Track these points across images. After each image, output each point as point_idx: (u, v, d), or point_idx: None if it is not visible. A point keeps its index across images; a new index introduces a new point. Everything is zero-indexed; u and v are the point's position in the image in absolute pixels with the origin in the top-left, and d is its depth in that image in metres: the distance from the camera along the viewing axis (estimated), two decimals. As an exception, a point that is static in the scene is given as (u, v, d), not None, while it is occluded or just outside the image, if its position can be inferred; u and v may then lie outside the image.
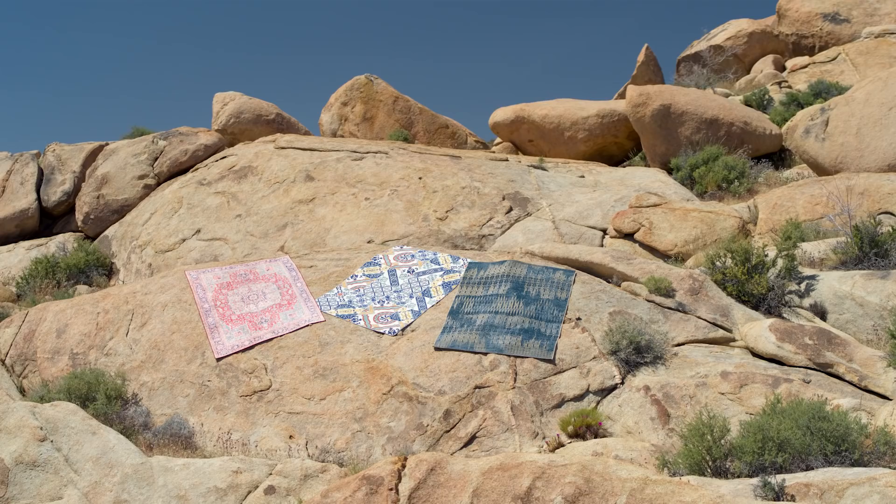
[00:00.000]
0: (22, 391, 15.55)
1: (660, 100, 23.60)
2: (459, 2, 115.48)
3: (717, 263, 15.47)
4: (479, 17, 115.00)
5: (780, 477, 9.50)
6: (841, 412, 10.73)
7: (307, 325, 14.99)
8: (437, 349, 14.05)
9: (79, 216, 25.02)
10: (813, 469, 10.01)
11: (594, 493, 9.63)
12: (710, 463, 10.58)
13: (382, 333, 14.60)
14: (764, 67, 38.10)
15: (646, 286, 15.06)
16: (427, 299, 15.27)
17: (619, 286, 15.34)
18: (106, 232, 24.23)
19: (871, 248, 15.28)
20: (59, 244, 23.78)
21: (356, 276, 16.24)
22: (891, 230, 15.27)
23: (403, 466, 10.46)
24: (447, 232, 19.74)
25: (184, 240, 21.64)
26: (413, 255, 16.78)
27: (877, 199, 18.43)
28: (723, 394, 12.95)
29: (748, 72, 39.11)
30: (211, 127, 27.60)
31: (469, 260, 16.26)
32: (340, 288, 15.89)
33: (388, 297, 15.50)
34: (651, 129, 23.67)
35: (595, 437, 12.66)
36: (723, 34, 41.28)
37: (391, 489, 10.20)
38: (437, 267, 16.17)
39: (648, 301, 14.88)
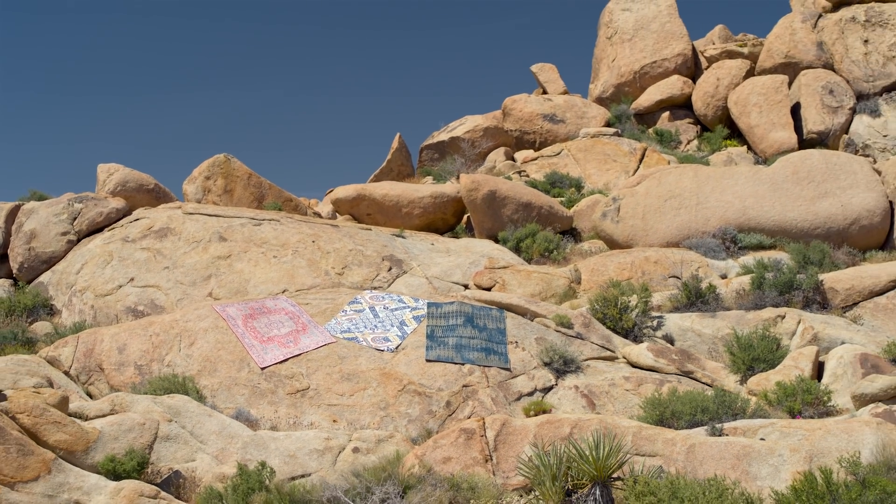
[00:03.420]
0: (89, 395, 19.68)
1: (488, 186, 30.10)
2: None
3: (597, 306, 21.94)
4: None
5: (718, 424, 15.91)
6: (731, 392, 17.44)
7: (325, 345, 19.96)
8: (427, 361, 19.47)
9: (13, 265, 28.37)
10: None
11: (611, 435, 15.64)
12: (662, 423, 16.82)
13: (382, 350, 19.84)
14: (497, 158, 44.58)
15: (553, 321, 21.24)
16: (405, 328, 20.65)
17: (533, 321, 21.46)
18: (40, 278, 27.77)
19: (696, 298, 22.22)
20: (3, 288, 27.16)
21: (346, 311, 21.40)
22: (709, 286, 22.29)
23: (483, 424, 16.06)
24: (346, 284, 25.15)
25: (120, 286, 25.82)
26: (383, 297, 22.12)
27: (666, 266, 25.64)
28: (627, 390, 19.29)
29: (484, 161, 45.84)
30: (95, 192, 31.45)
31: (426, 301, 21.84)
32: (337, 319, 20.97)
33: (375, 326, 20.72)
34: (481, 209, 30.08)
35: (550, 419, 18.64)
36: (461, 127, 47.56)
37: (482, 436, 15.80)
38: (405, 305, 21.61)
39: (557, 331, 21.06)
